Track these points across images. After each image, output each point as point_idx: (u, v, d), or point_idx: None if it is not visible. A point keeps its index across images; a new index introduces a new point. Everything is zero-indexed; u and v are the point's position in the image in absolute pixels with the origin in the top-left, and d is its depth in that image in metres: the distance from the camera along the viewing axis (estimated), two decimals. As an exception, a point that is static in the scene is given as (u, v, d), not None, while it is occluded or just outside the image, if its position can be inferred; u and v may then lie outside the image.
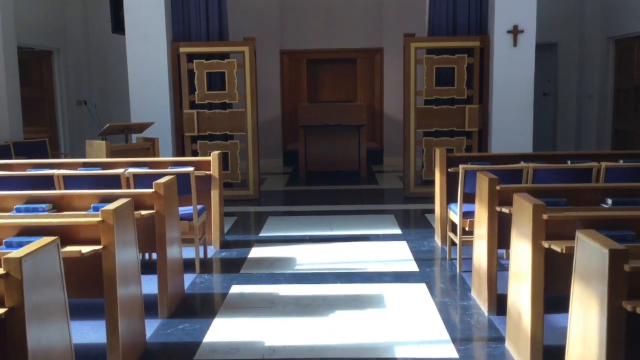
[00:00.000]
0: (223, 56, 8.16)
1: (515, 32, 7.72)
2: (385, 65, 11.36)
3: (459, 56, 7.95)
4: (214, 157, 5.71)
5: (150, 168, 5.71)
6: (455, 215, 4.98)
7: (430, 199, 7.78)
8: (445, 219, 5.62)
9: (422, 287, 4.57)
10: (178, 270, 4.29)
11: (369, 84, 11.73)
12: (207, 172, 5.69)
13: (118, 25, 8.35)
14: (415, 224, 6.77)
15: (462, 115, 8.02)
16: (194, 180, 4.88)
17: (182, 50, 7.99)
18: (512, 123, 7.85)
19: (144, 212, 3.83)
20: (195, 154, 8.23)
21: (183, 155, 8.21)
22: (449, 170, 5.57)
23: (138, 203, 3.92)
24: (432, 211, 7.02)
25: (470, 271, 4.83)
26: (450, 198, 5.62)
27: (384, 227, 6.52)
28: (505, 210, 3.76)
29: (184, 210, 4.99)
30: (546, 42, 10.11)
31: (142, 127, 6.80)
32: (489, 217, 3.89)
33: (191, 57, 8.07)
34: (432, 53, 8.05)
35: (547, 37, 9.99)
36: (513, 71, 7.78)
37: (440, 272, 4.97)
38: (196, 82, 8.06)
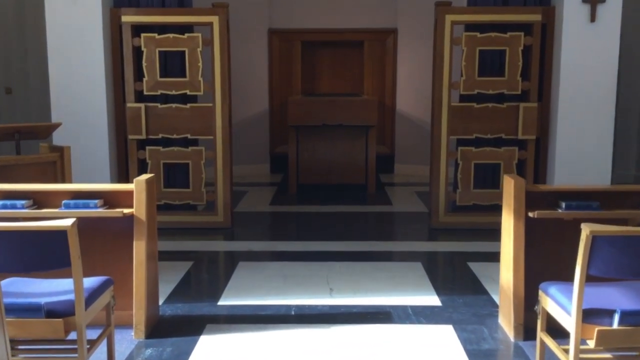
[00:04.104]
0: (183, 29, 5.86)
1: (594, 0, 5.45)
2: (399, 49, 9.06)
3: (512, 34, 5.67)
4: (138, 185, 3.45)
5: (36, 202, 3.49)
6: (559, 309, 2.72)
7: (469, 233, 5.61)
8: (520, 297, 3.37)
9: None
10: None
11: (378, 74, 9.42)
12: (126, 211, 3.43)
13: (34, -18, 6.05)
14: (457, 283, 4.49)
15: (513, 117, 5.76)
16: (75, 243, 2.58)
17: (125, 19, 5.70)
18: (584, 129, 5.59)
19: None
20: (143, 165, 5.96)
21: (125, 167, 5.94)
22: (530, 214, 3.33)
23: None
24: (476, 257, 4.85)
25: (591, 419, 2.59)
26: (533, 264, 3.38)
27: (411, 288, 4.27)
28: None
29: (60, 294, 2.72)
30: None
31: (46, 130, 4.52)
32: None
33: (138, 30, 5.78)
34: (474, 29, 5.76)
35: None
36: (589, 56, 5.51)
37: (531, 416, 2.72)
38: (144, 64, 5.77)
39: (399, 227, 6.45)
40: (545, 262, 3.45)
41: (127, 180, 5.86)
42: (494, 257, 4.89)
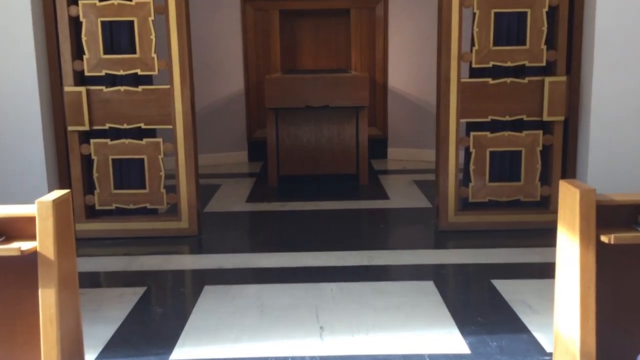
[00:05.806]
0: (130, -6, 4.78)
1: (636, -51, 4.43)
2: (391, 17, 8.01)
3: (534, -7, 4.66)
4: (42, 210, 2.40)
5: None
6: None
7: (485, 237, 4.66)
8: (591, 355, 2.39)
9: None
10: None
11: (367, 46, 8.36)
12: (25, 247, 2.38)
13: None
14: (484, 313, 3.48)
15: (537, 94, 4.76)
16: None
17: (57, -18, 4.60)
18: (624, 106, 4.59)
19: None
20: (88, 162, 4.90)
21: (66, 166, 4.86)
22: (602, 238, 2.35)
23: None
24: (501, 272, 3.94)
25: None
26: (603, 306, 2.40)
27: (425, 324, 3.27)
28: None
29: None
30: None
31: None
32: None
33: (74, -4, 4.70)
34: (488, -12, 4.74)
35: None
36: (628, 17, 4.49)
37: None
38: (84, 38, 4.68)
39: (401, 229, 5.45)
40: (620, 304, 2.48)
41: (69, 183, 4.83)
42: (523, 271, 3.96)
